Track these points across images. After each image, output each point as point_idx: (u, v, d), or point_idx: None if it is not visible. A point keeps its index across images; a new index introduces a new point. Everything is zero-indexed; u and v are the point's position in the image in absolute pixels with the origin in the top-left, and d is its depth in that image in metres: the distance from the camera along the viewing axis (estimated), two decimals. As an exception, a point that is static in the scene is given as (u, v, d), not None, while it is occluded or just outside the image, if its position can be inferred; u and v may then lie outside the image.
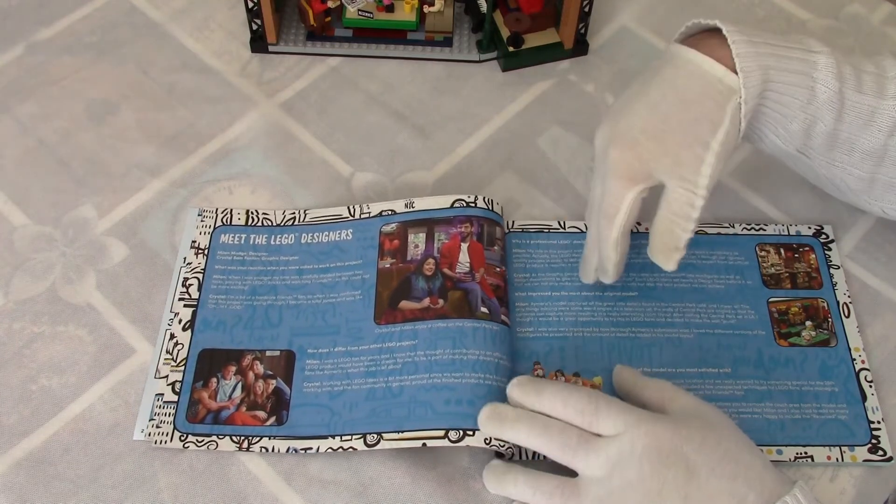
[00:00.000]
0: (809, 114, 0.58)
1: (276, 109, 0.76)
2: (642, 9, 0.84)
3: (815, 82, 0.57)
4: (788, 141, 0.60)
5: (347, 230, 0.67)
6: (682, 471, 0.51)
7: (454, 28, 0.80)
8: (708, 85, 0.56)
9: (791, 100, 0.57)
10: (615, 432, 0.52)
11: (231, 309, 0.64)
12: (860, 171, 0.61)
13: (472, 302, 0.62)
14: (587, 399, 0.53)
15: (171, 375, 0.61)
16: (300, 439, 0.59)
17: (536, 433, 0.54)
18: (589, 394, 0.54)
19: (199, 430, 0.59)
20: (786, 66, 0.57)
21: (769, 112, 0.58)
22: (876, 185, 0.62)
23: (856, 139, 0.59)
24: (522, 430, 0.54)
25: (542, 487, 0.54)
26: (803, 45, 0.58)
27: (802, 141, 0.60)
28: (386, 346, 0.61)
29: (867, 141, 0.59)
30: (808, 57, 0.57)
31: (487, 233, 0.65)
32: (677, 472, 0.51)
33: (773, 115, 0.59)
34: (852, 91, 0.58)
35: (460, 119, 0.76)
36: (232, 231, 0.68)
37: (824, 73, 0.57)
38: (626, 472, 0.51)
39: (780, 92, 0.57)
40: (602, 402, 0.53)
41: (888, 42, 0.82)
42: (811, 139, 0.59)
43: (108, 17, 0.82)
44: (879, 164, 0.60)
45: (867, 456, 0.60)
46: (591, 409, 0.53)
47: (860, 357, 0.63)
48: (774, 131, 0.60)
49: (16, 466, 0.59)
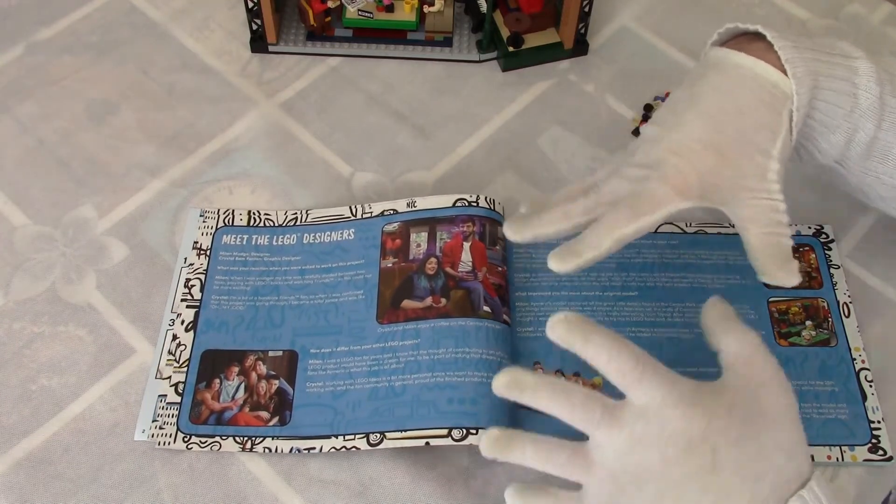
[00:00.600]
0: (852, 122, 0.56)
1: (276, 109, 0.76)
2: (642, 9, 0.84)
3: (857, 88, 0.55)
4: (828, 153, 0.58)
5: (349, 230, 0.67)
6: (708, 463, 0.47)
7: (454, 28, 0.80)
8: (762, 90, 0.53)
9: (836, 108, 0.55)
10: (649, 405, 0.48)
11: (233, 309, 0.64)
12: (893, 180, 0.58)
13: (475, 301, 0.62)
14: (634, 362, 0.49)
15: (174, 377, 0.61)
16: (303, 439, 0.59)
17: (559, 402, 0.49)
18: (637, 356, 0.49)
19: (203, 431, 0.59)
20: (831, 72, 0.55)
21: (814, 123, 0.56)
22: None
23: (891, 146, 0.57)
24: (543, 397, 0.50)
25: (555, 459, 0.50)
26: (841, 49, 0.56)
27: (842, 152, 0.57)
28: (388, 345, 0.61)
29: None
30: (850, 63, 0.55)
31: (489, 232, 0.65)
32: (702, 464, 0.47)
33: (818, 126, 0.56)
34: (890, 96, 0.56)
35: (460, 119, 0.76)
36: (234, 232, 0.68)
37: (865, 78, 0.55)
38: (648, 452, 0.48)
39: (827, 101, 0.55)
40: (648, 369, 0.49)
41: (888, 42, 0.82)
42: (850, 149, 0.57)
43: (108, 17, 0.82)
44: None
45: (867, 456, 0.60)
46: (636, 375, 0.49)
47: (860, 357, 0.63)
48: (816, 145, 0.58)
49: (16, 466, 0.59)
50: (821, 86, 0.54)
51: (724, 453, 0.48)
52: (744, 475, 0.48)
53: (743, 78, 0.54)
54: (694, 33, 0.82)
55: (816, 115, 0.56)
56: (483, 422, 0.57)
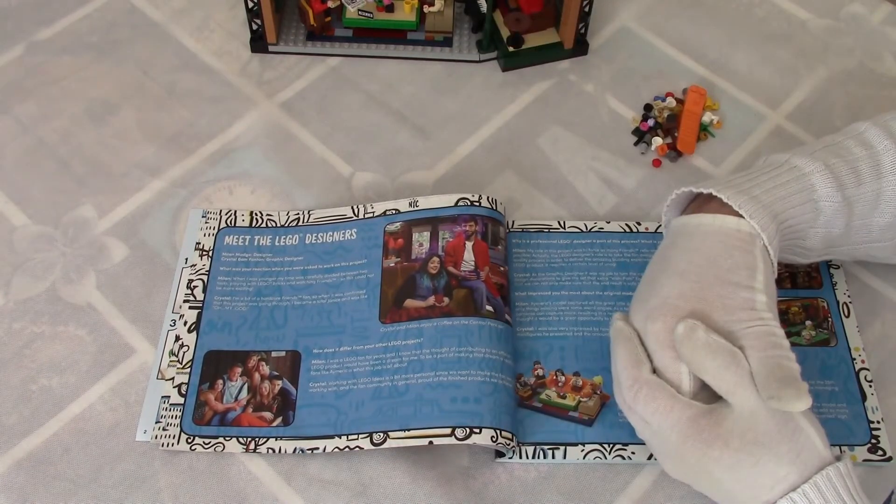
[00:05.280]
0: (820, 227, 0.59)
1: (276, 109, 0.76)
2: (642, 9, 0.84)
3: (817, 202, 0.58)
4: (808, 254, 0.61)
5: (352, 230, 0.67)
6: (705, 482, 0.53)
7: (454, 28, 0.80)
8: (728, 237, 0.55)
9: (801, 226, 0.58)
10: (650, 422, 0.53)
11: (236, 310, 0.64)
12: (882, 244, 0.61)
13: (478, 300, 0.62)
14: (631, 383, 0.54)
15: (177, 378, 0.61)
16: (307, 439, 0.59)
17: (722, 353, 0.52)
18: (636, 376, 0.53)
19: (206, 433, 0.59)
20: (787, 203, 0.57)
21: (786, 243, 0.59)
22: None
23: (870, 222, 0.60)
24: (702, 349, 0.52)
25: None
26: (794, 170, 0.58)
27: (823, 248, 0.61)
28: (391, 344, 0.61)
29: (879, 218, 0.59)
30: (804, 182, 0.58)
31: (492, 232, 0.65)
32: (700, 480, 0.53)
33: (791, 240, 0.59)
34: (854, 188, 0.58)
35: (460, 119, 0.76)
36: (236, 233, 0.68)
37: (823, 190, 0.57)
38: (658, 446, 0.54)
39: (791, 225, 0.58)
40: (644, 391, 0.53)
41: (888, 42, 0.82)
42: (831, 242, 0.60)
43: (108, 17, 0.82)
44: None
45: (867, 456, 0.60)
46: (632, 395, 0.53)
47: (860, 357, 0.63)
48: (793, 252, 0.61)
49: (16, 466, 0.59)
50: (781, 217, 0.57)
51: (720, 476, 0.52)
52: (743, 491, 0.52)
53: (707, 233, 0.56)
54: (694, 33, 0.82)
55: (786, 236, 0.58)
56: (486, 421, 0.57)
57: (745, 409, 0.51)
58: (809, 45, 0.82)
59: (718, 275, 0.54)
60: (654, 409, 0.52)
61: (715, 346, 0.52)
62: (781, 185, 0.58)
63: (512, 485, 0.59)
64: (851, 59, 0.81)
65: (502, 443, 0.57)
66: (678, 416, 0.52)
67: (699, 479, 0.53)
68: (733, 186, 0.57)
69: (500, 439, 0.57)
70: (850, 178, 0.58)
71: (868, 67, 0.80)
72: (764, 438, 0.51)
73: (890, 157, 0.59)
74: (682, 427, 0.52)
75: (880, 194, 0.59)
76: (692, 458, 0.52)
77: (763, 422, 0.51)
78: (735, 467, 0.51)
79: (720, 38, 0.82)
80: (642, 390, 0.53)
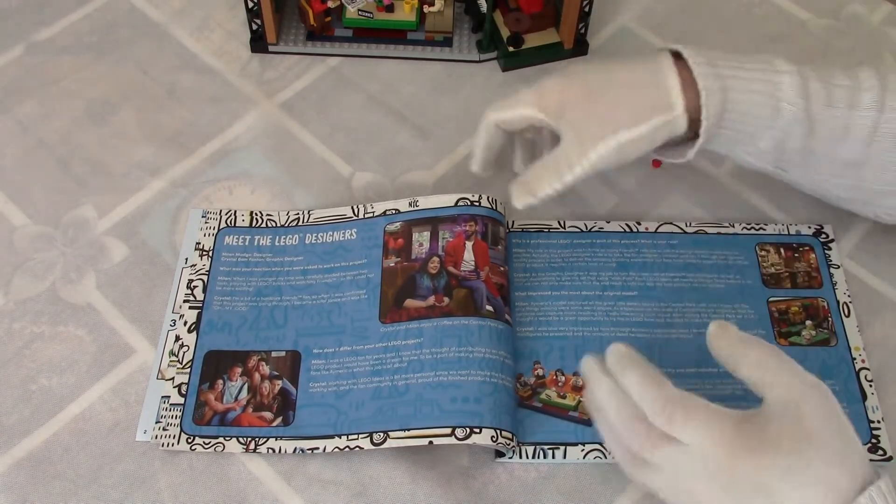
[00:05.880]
0: (777, 130, 0.59)
1: (276, 109, 0.76)
2: (642, 9, 0.84)
3: (778, 101, 0.58)
4: (761, 158, 0.61)
5: (351, 230, 0.67)
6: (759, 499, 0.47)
7: (454, 28, 0.80)
8: (656, 89, 0.58)
9: (755, 119, 0.58)
10: (693, 441, 0.48)
11: (236, 310, 0.64)
12: (845, 181, 0.61)
13: (478, 300, 0.62)
14: (662, 404, 0.49)
15: (177, 378, 0.61)
16: (307, 439, 0.59)
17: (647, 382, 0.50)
18: (666, 396, 0.49)
19: (206, 433, 0.59)
20: (747, 86, 0.58)
21: (733, 133, 0.59)
22: (863, 192, 0.62)
23: (834, 151, 0.60)
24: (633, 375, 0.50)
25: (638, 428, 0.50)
26: (770, 65, 0.59)
27: (775, 157, 0.61)
28: (391, 344, 0.61)
29: (846, 152, 0.60)
30: (773, 77, 0.58)
31: (492, 232, 0.65)
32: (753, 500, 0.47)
33: (739, 134, 0.59)
34: (822, 106, 0.58)
35: (460, 119, 0.76)
36: (236, 233, 0.68)
37: (788, 91, 0.58)
38: (694, 482, 0.48)
39: (742, 111, 0.58)
40: (678, 411, 0.48)
41: (888, 42, 0.82)
42: (784, 154, 0.60)
43: (108, 17, 0.82)
44: (862, 171, 0.60)
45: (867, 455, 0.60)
46: (665, 417, 0.49)
47: (860, 356, 0.63)
48: (745, 149, 0.61)
49: (16, 466, 0.59)
50: (732, 98, 0.58)
51: (777, 485, 0.47)
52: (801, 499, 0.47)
53: (653, 72, 0.59)
54: (694, 33, 0.82)
55: (733, 124, 0.59)
56: (486, 421, 0.57)
57: (788, 403, 0.49)
58: (809, 45, 0.82)
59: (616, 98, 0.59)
60: (697, 427, 0.48)
61: (749, 339, 0.51)
62: (749, 70, 0.58)
63: (512, 485, 0.59)
64: (851, 59, 0.81)
65: (502, 443, 0.57)
66: (721, 427, 0.48)
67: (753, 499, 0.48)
68: (702, 52, 0.59)
69: (500, 439, 0.57)
70: (821, 95, 0.58)
71: (868, 67, 0.80)
72: (813, 435, 0.48)
73: (871, 95, 0.59)
74: (727, 439, 0.48)
75: (850, 126, 0.59)
76: (743, 473, 0.47)
77: (809, 416, 0.48)
78: (790, 472, 0.47)
79: (720, 38, 0.82)
80: (677, 410, 0.49)
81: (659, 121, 0.58)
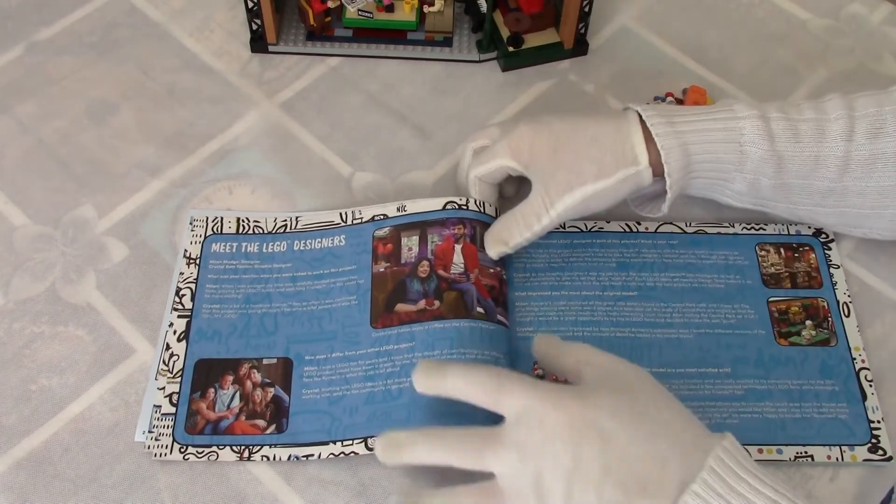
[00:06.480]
0: (748, 173, 0.61)
1: (276, 109, 0.76)
2: (642, 9, 0.84)
3: (742, 146, 0.60)
4: (740, 199, 0.64)
5: (340, 236, 0.67)
6: (596, 441, 0.48)
7: (454, 28, 0.80)
8: (622, 144, 0.60)
9: (723, 165, 0.61)
10: (521, 410, 0.50)
11: (226, 318, 0.64)
12: (828, 209, 0.63)
13: (468, 302, 0.62)
14: (488, 375, 0.52)
15: (168, 387, 0.61)
16: (301, 446, 0.59)
17: (436, 447, 0.51)
18: (490, 370, 0.52)
19: (199, 442, 0.59)
20: (707, 137, 0.60)
21: (705, 181, 0.62)
22: (849, 216, 0.63)
23: (809, 183, 0.61)
24: (421, 449, 0.52)
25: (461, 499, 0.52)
26: (731, 112, 0.61)
27: (753, 196, 0.63)
28: (383, 349, 0.61)
29: (820, 182, 0.61)
30: (733, 125, 0.60)
31: (480, 234, 0.65)
32: (592, 444, 0.48)
33: (711, 181, 0.62)
34: (788, 143, 0.60)
35: (460, 119, 0.76)
36: (223, 240, 0.68)
37: (751, 135, 0.60)
38: (539, 455, 0.49)
39: (709, 160, 0.61)
40: (505, 378, 0.51)
41: (888, 42, 0.82)
42: (761, 192, 0.62)
43: (108, 17, 0.82)
44: (843, 198, 0.62)
45: (867, 455, 0.60)
46: (495, 385, 0.51)
47: (860, 356, 0.63)
48: (722, 192, 0.64)
49: (16, 466, 0.59)
50: (695, 149, 0.60)
51: (609, 424, 0.48)
52: (637, 438, 0.48)
53: (618, 128, 0.61)
54: (694, 33, 0.82)
55: (703, 173, 0.62)
56: (479, 422, 0.57)
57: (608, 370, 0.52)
58: (809, 45, 0.82)
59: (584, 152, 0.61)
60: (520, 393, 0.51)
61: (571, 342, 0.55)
62: (709, 122, 0.61)
63: (512, 485, 0.59)
64: (851, 59, 0.81)
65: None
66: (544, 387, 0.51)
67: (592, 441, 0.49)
68: (661, 112, 0.61)
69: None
70: (787, 133, 0.60)
71: (868, 68, 0.80)
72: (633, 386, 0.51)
73: (839, 126, 0.60)
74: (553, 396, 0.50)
75: (819, 157, 0.60)
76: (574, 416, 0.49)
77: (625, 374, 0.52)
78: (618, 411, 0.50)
79: (720, 38, 0.82)
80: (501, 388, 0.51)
81: (623, 174, 0.60)
